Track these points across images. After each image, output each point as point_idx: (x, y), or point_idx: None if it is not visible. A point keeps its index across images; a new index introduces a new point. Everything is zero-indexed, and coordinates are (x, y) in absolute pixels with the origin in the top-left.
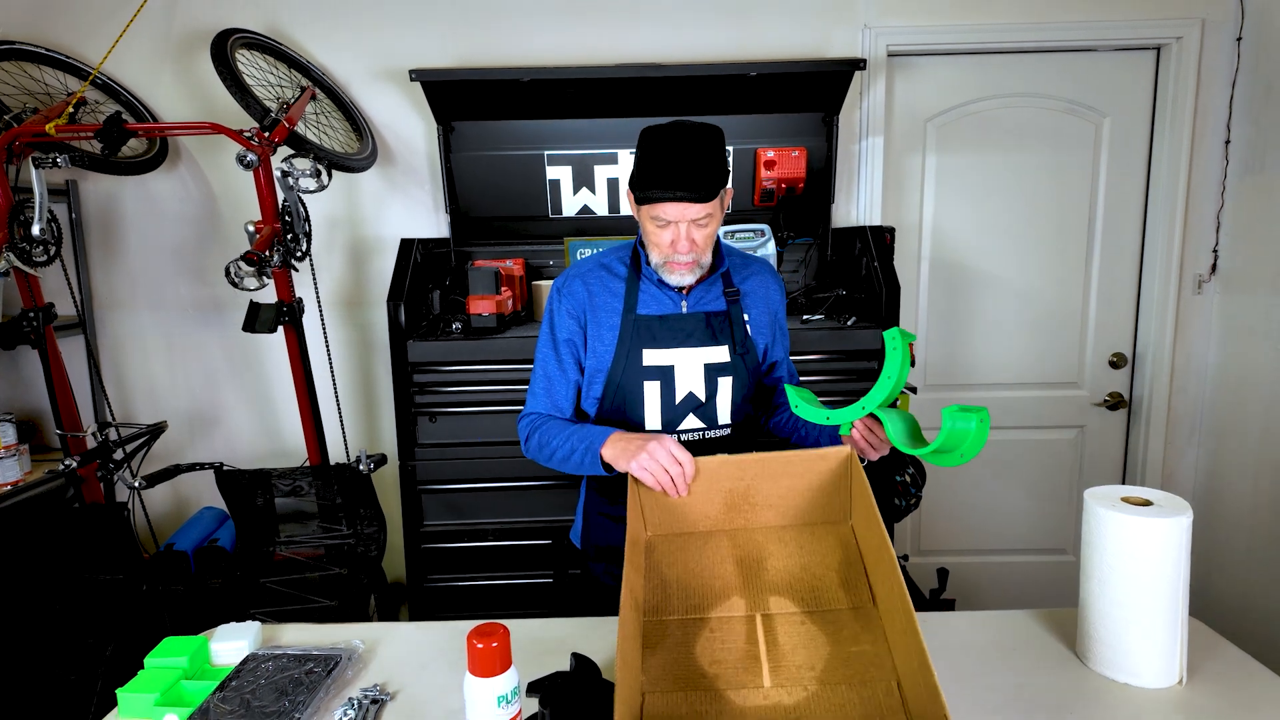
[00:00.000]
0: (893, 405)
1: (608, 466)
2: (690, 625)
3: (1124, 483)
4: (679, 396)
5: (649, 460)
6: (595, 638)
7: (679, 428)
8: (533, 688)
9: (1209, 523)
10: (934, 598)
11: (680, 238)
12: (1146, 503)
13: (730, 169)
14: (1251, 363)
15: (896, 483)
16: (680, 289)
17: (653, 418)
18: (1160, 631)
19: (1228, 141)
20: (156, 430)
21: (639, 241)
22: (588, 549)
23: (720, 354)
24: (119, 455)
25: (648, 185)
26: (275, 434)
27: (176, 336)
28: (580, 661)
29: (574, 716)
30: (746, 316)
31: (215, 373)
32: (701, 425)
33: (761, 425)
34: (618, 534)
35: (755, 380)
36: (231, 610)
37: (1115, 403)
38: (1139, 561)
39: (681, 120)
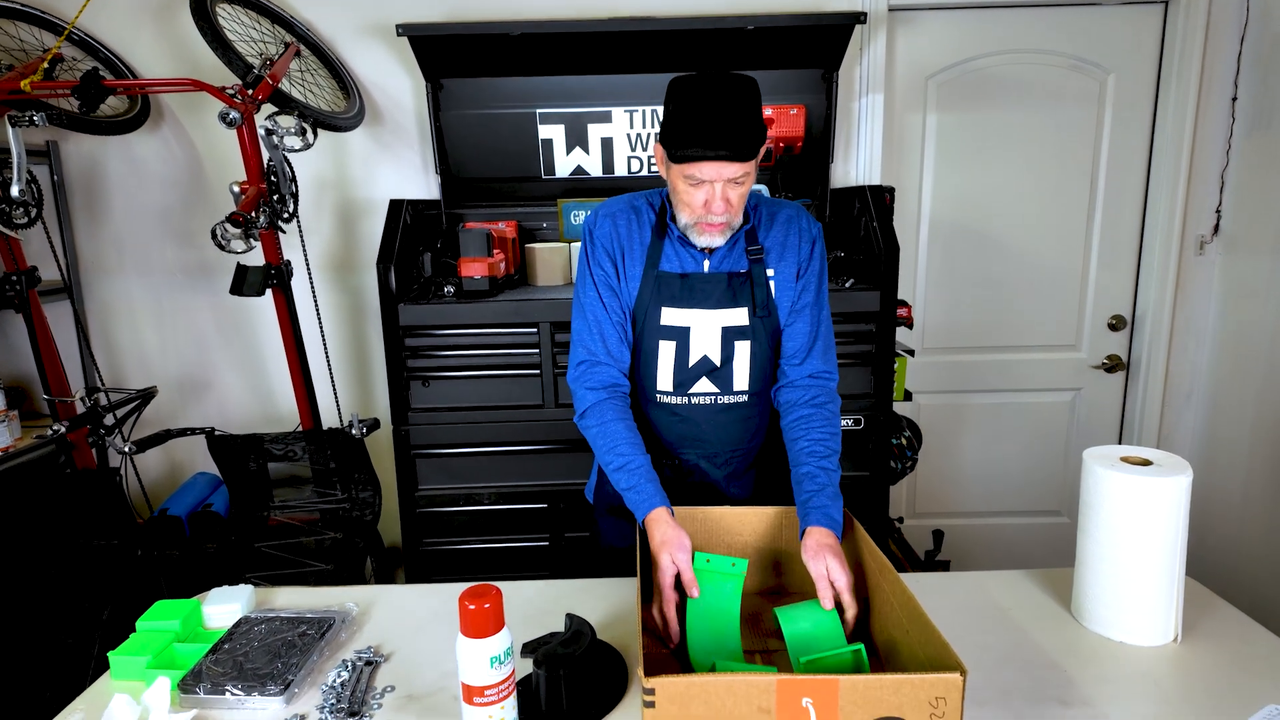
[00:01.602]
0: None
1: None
2: None
3: (1119, 444)
4: (693, 359)
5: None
6: (591, 599)
7: (691, 391)
8: (527, 648)
9: (1204, 482)
10: (929, 559)
11: (715, 198)
12: (1146, 462)
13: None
14: (1252, 324)
15: (893, 446)
16: (703, 248)
17: (665, 379)
18: (1157, 590)
19: (1234, 98)
20: (146, 395)
21: (666, 195)
22: (599, 503)
23: (739, 317)
24: (110, 421)
25: (687, 143)
26: (268, 399)
27: (165, 301)
28: (575, 622)
29: (569, 676)
30: (771, 272)
31: (206, 337)
32: (715, 390)
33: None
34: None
35: (777, 343)
36: (227, 574)
37: (1113, 365)
38: (1138, 521)
39: (714, 71)
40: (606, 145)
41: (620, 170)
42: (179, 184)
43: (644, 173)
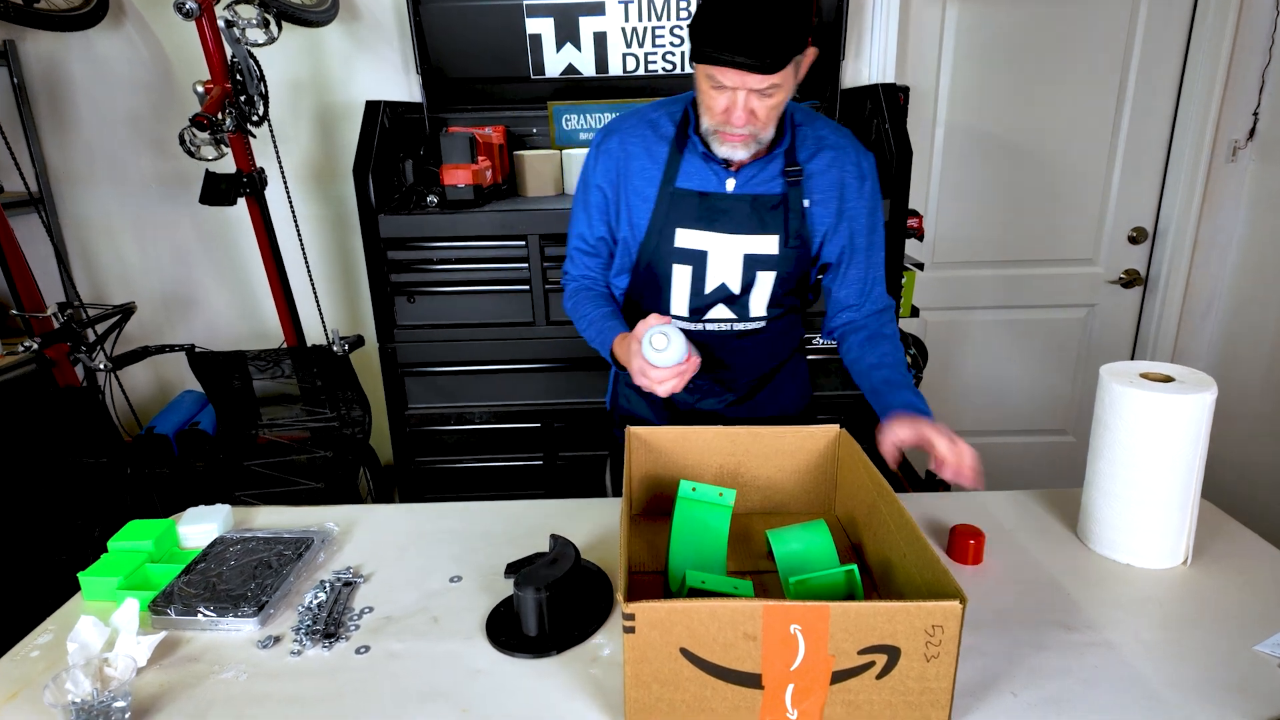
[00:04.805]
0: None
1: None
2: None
3: (1132, 361)
4: (709, 286)
5: (640, 379)
6: (578, 519)
7: (706, 317)
8: (510, 569)
9: (1218, 399)
10: (930, 478)
11: (737, 107)
12: (1167, 379)
13: (812, 25)
14: None
15: None
16: (728, 164)
17: (679, 304)
18: (1170, 512)
19: None
20: (126, 311)
21: (692, 102)
22: (614, 415)
23: (766, 245)
24: (91, 337)
25: (704, 40)
26: (255, 315)
27: (143, 213)
28: (559, 543)
29: (551, 598)
30: (807, 202)
31: (187, 252)
32: (731, 316)
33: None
34: (639, 404)
35: (803, 273)
36: (217, 493)
37: (1130, 280)
38: (1157, 440)
39: None
40: (600, 41)
41: (615, 69)
42: (148, 87)
43: (640, 71)
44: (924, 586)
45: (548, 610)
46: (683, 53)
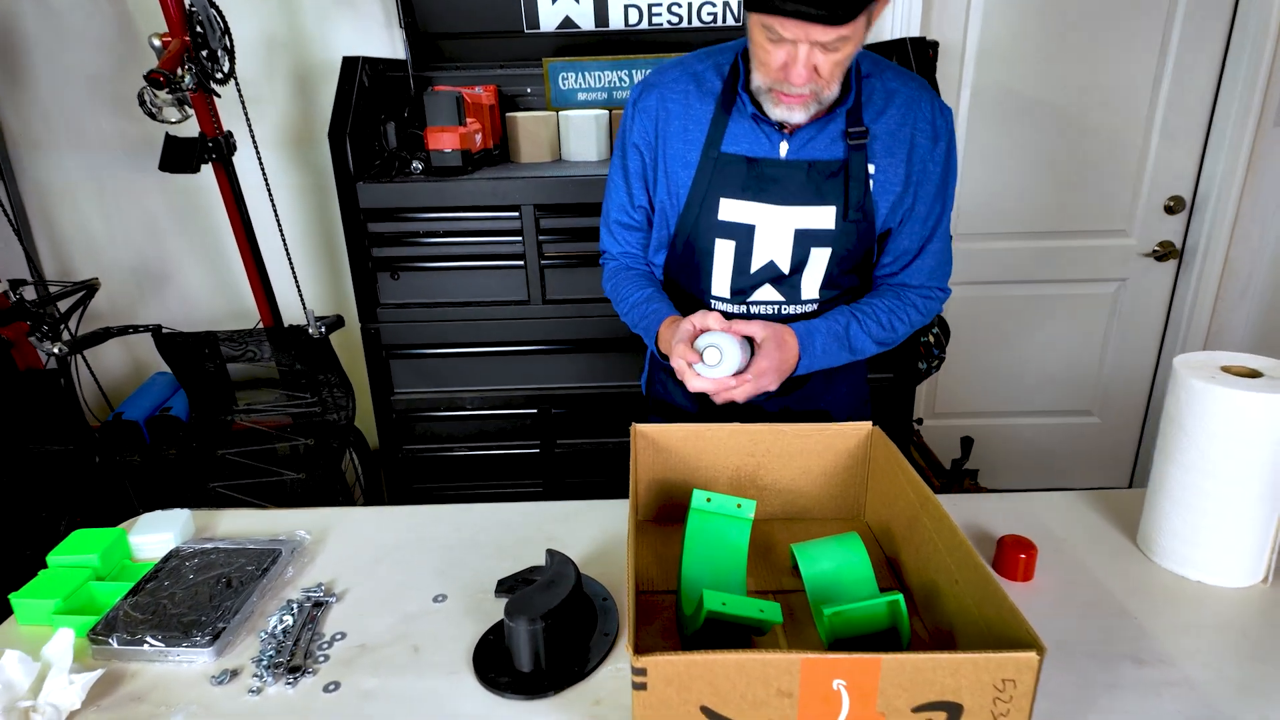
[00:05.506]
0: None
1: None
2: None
3: (1163, 340)
4: (756, 264)
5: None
6: (579, 525)
7: (750, 299)
8: (503, 586)
9: None
10: (955, 467)
11: (797, 62)
12: (1252, 373)
13: None
14: None
15: (919, 344)
16: (782, 125)
17: (721, 283)
18: (1252, 525)
19: None
20: (89, 288)
21: (743, 52)
22: (648, 400)
23: (821, 217)
24: (55, 317)
25: None
26: (232, 291)
27: (108, 181)
28: (557, 561)
29: (549, 629)
30: (872, 168)
31: (158, 223)
32: (779, 298)
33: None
34: (675, 392)
35: (865, 250)
36: (190, 483)
37: (1165, 253)
38: (1243, 444)
39: None
40: None
41: (616, 22)
42: (108, 44)
43: (643, 25)
44: (982, 623)
45: (543, 643)
46: (690, 4)
